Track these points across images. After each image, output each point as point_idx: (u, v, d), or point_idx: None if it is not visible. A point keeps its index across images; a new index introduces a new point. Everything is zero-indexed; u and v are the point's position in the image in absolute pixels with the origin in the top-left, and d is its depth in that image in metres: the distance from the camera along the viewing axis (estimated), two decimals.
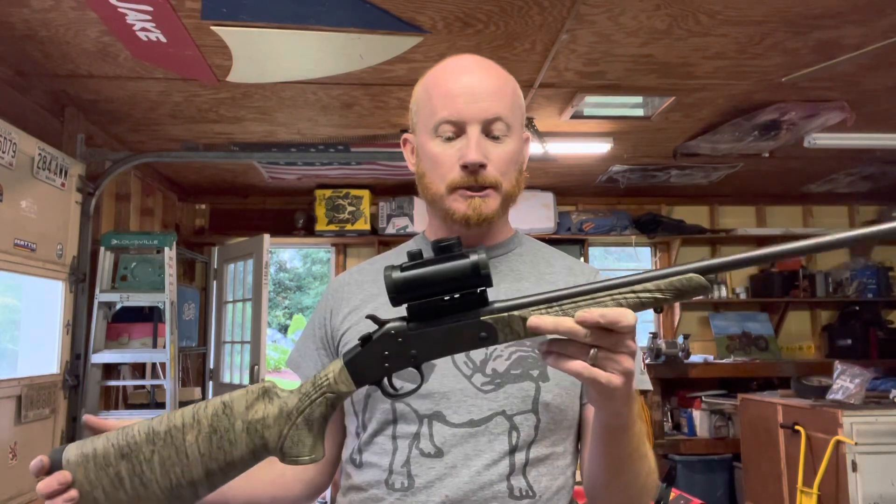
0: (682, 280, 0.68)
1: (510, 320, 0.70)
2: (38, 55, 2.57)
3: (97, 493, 0.70)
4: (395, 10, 2.25)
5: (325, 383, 0.74)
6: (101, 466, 0.70)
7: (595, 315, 0.65)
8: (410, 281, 0.70)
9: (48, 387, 2.79)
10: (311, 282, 15.92)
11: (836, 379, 3.39)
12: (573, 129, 3.55)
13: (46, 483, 0.70)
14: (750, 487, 3.85)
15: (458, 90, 0.92)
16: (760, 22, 2.37)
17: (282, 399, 0.74)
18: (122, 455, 0.71)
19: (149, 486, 0.70)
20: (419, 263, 0.71)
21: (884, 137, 3.55)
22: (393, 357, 0.74)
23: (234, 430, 0.72)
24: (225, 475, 0.73)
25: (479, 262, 0.69)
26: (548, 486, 0.89)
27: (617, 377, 0.66)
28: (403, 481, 0.87)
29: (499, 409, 0.88)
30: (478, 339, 0.71)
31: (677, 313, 5.07)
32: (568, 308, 0.69)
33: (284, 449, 0.73)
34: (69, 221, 2.97)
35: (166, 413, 0.74)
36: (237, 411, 0.73)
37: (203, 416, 0.73)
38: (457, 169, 0.92)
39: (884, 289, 4.94)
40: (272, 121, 3.36)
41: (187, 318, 4.28)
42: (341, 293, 1.03)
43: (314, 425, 0.74)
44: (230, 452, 0.72)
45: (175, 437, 0.71)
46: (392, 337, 0.73)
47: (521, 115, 0.99)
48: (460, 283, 0.70)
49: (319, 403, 0.74)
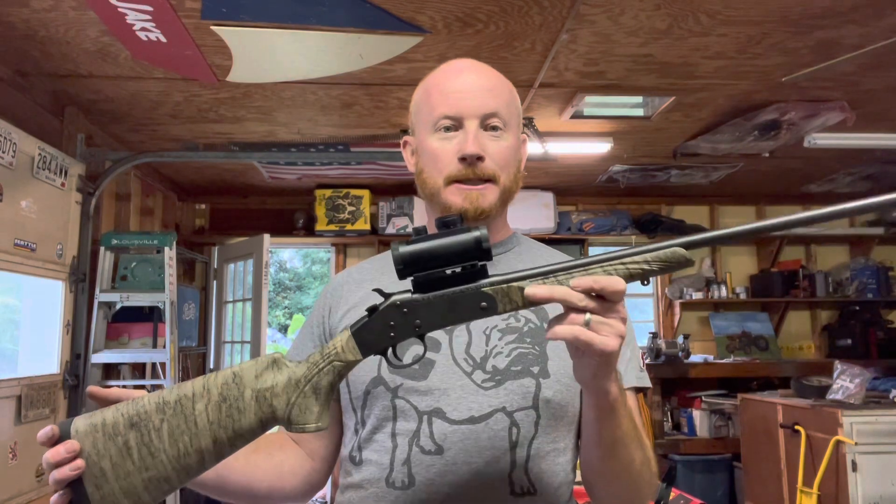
0: (667, 253, 0.73)
1: (509, 291, 0.74)
2: (38, 55, 2.57)
3: (104, 462, 0.70)
4: (395, 10, 2.25)
5: (333, 352, 0.76)
6: (110, 436, 0.71)
7: (588, 281, 0.70)
8: (416, 254, 0.73)
9: (48, 387, 2.79)
10: (311, 282, 15.90)
11: (836, 379, 3.39)
12: (573, 128, 3.55)
13: (54, 451, 0.69)
14: (750, 487, 3.85)
15: (455, 88, 0.96)
16: (760, 22, 2.37)
17: (290, 368, 0.76)
18: (131, 424, 0.71)
19: (156, 455, 0.71)
20: (424, 238, 0.74)
21: (884, 137, 3.55)
22: (398, 327, 0.76)
23: (244, 398, 0.73)
24: (232, 444, 0.74)
25: (481, 236, 0.73)
26: (549, 482, 0.89)
27: (612, 339, 0.69)
28: (404, 479, 0.88)
29: (499, 405, 0.89)
30: (479, 308, 0.74)
31: (677, 313, 5.07)
32: (563, 279, 0.73)
33: (292, 417, 0.74)
34: (69, 221, 2.97)
35: (176, 384, 0.75)
36: (247, 380, 0.74)
37: (213, 385, 0.74)
38: (455, 162, 0.94)
39: (884, 289, 4.94)
40: (272, 121, 3.36)
41: (187, 318, 4.28)
42: (340, 291, 1.03)
43: (321, 393, 0.75)
44: (238, 421, 0.73)
45: (185, 406, 0.72)
46: (398, 307, 0.76)
47: (518, 115, 1.01)
48: (463, 256, 0.73)
49: (327, 372, 0.76)
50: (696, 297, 4.96)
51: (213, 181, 4.62)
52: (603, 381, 0.74)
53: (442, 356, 0.92)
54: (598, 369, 0.73)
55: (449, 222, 0.75)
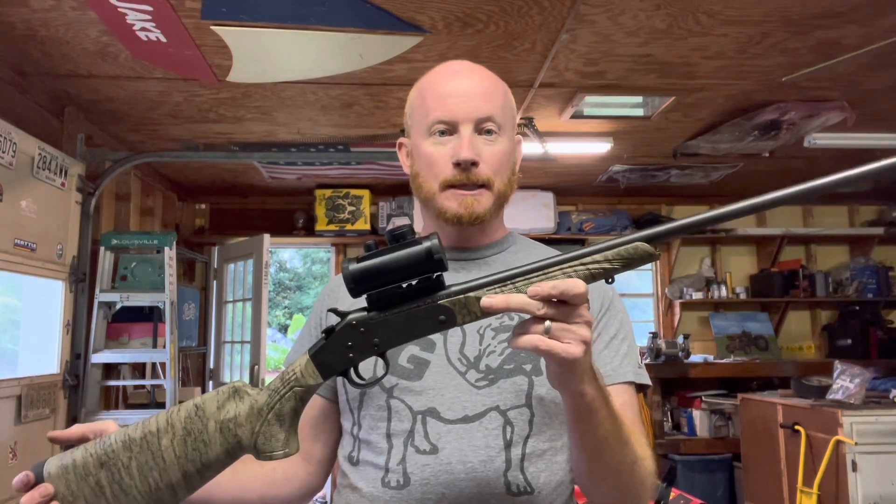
0: (628, 249, 0.71)
1: (466, 302, 0.72)
2: (38, 55, 2.57)
3: (79, 502, 0.72)
4: (395, 10, 2.25)
5: (292, 378, 0.76)
6: (82, 476, 0.72)
7: (546, 288, 0.67)
8: (366, 271, 0.72)
9: (48, 387, 2.79)
10: (311, 282, 15.91)
11: (836, 379, 3.39)
12: (573, 128, 3.55)
13: (29, 497, 0.71)
14: (750, 487, 3.85)
15: (450, 91, 0.96)
16: (760, 22, 2.37)
17: (252, 397, 0.76)
18: (100, 464, 0.72)
19: (129, 491, 0.72)
20: (374, 254, 0.73)
21: (884, 137, 3.55)
22: (356, 347, 0.75)
23: (208, 430, 0.74)
24: (202, 476, 0.74)
25: (432, 247, 0.71)
26: (546, 481, 0.88)
27: (575, 346, 0.67)
28: (399, 479, 0.87)
29: (492, 404, 0.89)
30: (437, 322, 0.73)
31: (677, 313, 5.07)
32: (521, 286, 0.71)
33: (258, 445, 0.74)
34: (69, 221, 2.97)
35: (141, 420, 0.75)
36: (209, 412, 0.74)
37: (176, 419, 0.74)
38: (450, 167, 0.94)
39: (884, 289, 4.94)
40: (272, 121, 3.36)
41: (187, 318, 4.28)
42: (336, 293, 1.04)
43: (286, 420, 0.75)
44: (205, 453, 0.73)
45: (151, 443, 0.73)
46: (354, 327, 0.75)
47: (513, 117, 1.01)
48: (416, 270, 0.72)
49: (289, 398, 0.75)
50: (696, 297, 4.96)
51: (213, 181, 4.62)
52: (572, 384, 0.72)
53: (436, 356, 0.92)
54: (562, 375, 0.71)
55: (398, 235, 0.72)
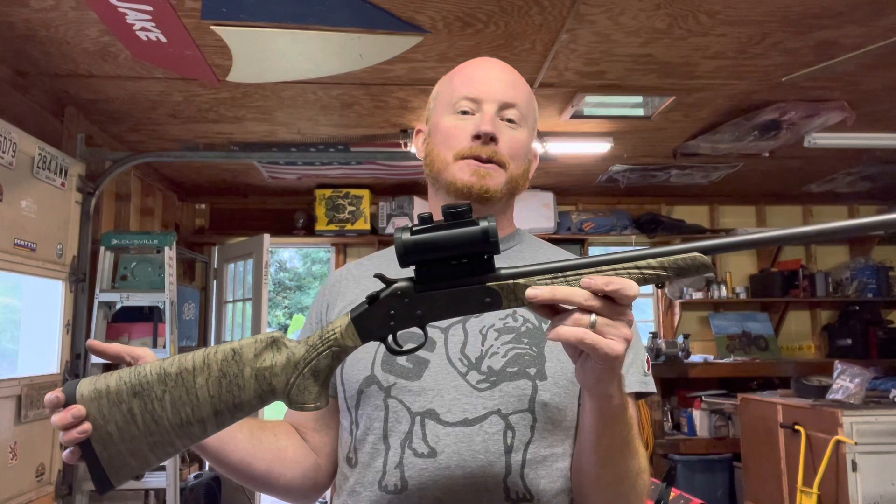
0: (685, 259, 0.69)
1: (514, 288, 0.71)
2: (38, 55, 2.57)
3: (110, 426, 0.72)
4: (394, 10, 2.25)
5: (331, 337, 0.76)
6: (114, 402, 0.73)
7: (600, 282, 0.66)
8: (420, 244, 0.70)
9: (48, 387, 2.79)
10: (311, 282, 15.92)
11: (836, 379, 3.39)
12: (573, 128, 3.55)
13: (62, 416, 0.71)
14: (750, 487, 3.85)
15: (479, 74, 0.99)
16: (760, 22, 2.37)
17: (289, 349, 0.76)
18: (134, 393, 0.73)
19: (160, 422, 0.73)
20: (430, 227, 0.71)
21: (884, 137, 3.55)
22: (398, 316, 0.74)
23: (243, 375, 0.75)
24: (233, 416, 0.76)
25: (489, 228, 0.69)
26: (546, 488, 0.86)
27: (618, 343, 0.66)
28: (396, 483, 0.85)
29: (494, 407, 0.86)
30: (483, 303, 0.72)
31: (677, 313, 5.07)
32: (572, 279, 0.69)
33: (291, 396, 0.75)
34: (69, 221, 2.97)
35: (177, 356, 0.76)
36: (246, 358, 0.75)
37: (213, 360, 0.75)
38: (468, 140, 0.94)
39: (884, 289, 4.94)
40: (272, 121, 3.36)
41: (187, 317, 4.28)
42: (338, 287, 1.03)
43: (320, 376, 0.76)
44: (238, 396, 0.75)
45: (186, 379, 0.74)
46: (399, 297, 0.74)
47: (534, 117, 1.03)
48: (469, 249, 0.70)
49: (326, 356, 0.76)
50: (696, 297, 4.96)
51: (213, 181, 4.62)
52: (607, 385, 0.71)
53: (436, 356, 0.90)
54: (602, 373, 0.69)
55: (457, 213, 0.70)
